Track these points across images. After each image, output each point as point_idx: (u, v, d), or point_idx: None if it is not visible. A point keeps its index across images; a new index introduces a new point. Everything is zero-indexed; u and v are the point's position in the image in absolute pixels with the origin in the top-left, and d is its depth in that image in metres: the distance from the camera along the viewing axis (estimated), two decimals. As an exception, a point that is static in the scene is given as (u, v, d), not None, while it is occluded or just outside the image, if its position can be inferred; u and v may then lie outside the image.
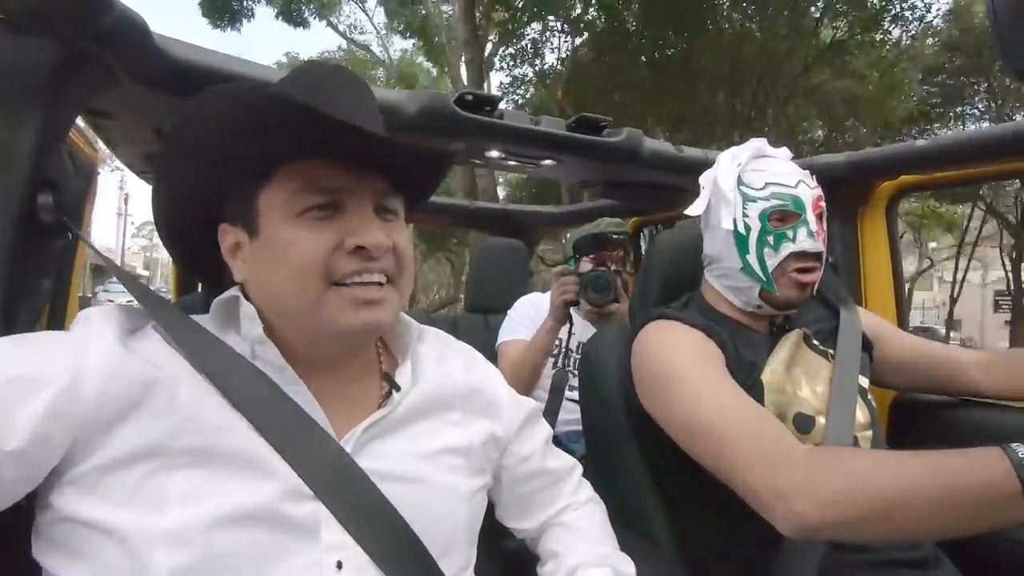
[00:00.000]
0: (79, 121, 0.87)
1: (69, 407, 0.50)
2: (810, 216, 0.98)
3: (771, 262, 0.98)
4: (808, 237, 0.97)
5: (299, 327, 0.61)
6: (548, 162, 1.40)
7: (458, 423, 0.70)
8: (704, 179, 1.06)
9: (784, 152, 1.05)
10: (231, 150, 0.58)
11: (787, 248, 0.97)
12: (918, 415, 1.36)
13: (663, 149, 1.39)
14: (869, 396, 1.02)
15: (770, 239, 0.98)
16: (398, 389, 0.65)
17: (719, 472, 0.82)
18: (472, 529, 0.68)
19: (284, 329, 0.61)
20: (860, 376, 1.01)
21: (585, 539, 0.76)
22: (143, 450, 0.52)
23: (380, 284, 0.60)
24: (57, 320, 0.88)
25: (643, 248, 2.30)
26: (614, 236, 1.74)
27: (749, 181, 1.00)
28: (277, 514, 0.54)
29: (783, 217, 0.98)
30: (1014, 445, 0.63)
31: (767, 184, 0.99)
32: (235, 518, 0.52)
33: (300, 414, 0.58)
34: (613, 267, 1.72)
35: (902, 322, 1.47)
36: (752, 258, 0.99)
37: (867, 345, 1.08)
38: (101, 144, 1.16)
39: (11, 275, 0.66)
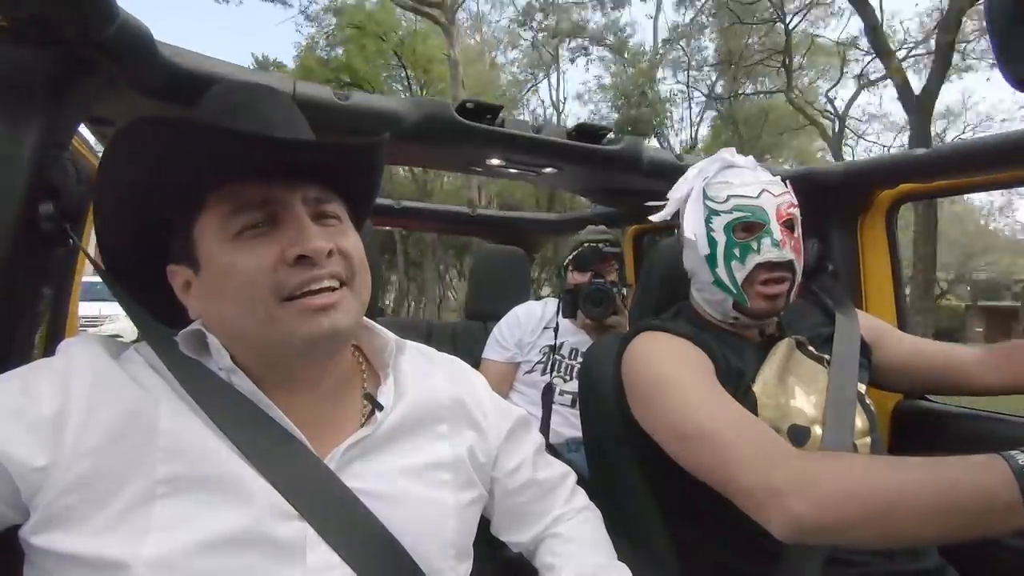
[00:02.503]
0: (81, 128, 0.87)
1: (53, 437, 0.50)
2: (774, 225, 0.97)
3: (739, 275, 0.98)
4: (773, 247, 0.96)
5: (258, 349, 0.59)
6: (549, 170, 1.40)
7: (444, 436, 0.69)
8: (672, 193, 1.07)
9: (749, 160, 1.05)
10: (155, 184, 0.57)
11: (753, 259, 0.97)
12: (920, 422, 1.35)
13: (663, 157, 1.39)
14: (868, 402, 1.01)
15: (736, 251, 0.98)
16: (380, 408, 0.64)
17: (712, 477, 0.80)
18: (463, 543, 0.67)
19: (247, 355, 0.60)
20: (859, 383, 1.00)
21: (581, 550, 0.75)
22: (126, 480, 0.51)
23: (332, 289, 0.58)
24: (57, 327, 0.88)
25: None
26: (609, 248, 1.75)
27: (713, 195, 1.00)
28: (262, 536, 0.53)
29: (747, 228, 0.98)
30: (1014, 452, 0.63)
31: (729, 197, 0.99)
32: (220, 542, 0.52)
33: (283, 436, 0.58)
34: (611, 279, 1.73)
35: (902, 329, 1.46)
36: (722, 271, 0.99)
37: (865, 350, 1.07)
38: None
39: (12, 282, 0.66)
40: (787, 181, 1.05)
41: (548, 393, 1.70)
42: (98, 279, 0.68)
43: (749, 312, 1.00)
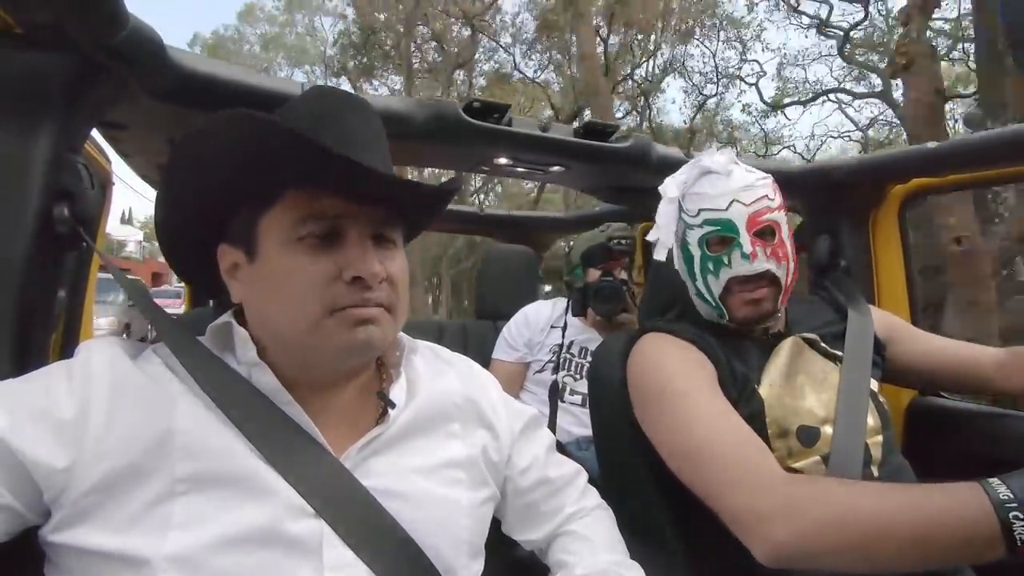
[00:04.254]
0: (93, 133, 0.88)
1: (75, 438, 0.51)
2: (744, 238, 0.94)
3: (715, 288, 0.98)
4: (743, 260, 0.95)
5: (293, 350, 0.61)
6: (556, 168, 1.40)
7: (457, 435, 0.70)
8: (660, 207, 1.05)
9: (725, 163, 0.99)
10: (236, 174, 0.59)
11: (726, 273, 0.96)
12: (934, 420, 1.34)
13: (672, 154, 1.39)
14: (881, 400, 1.00)
15: (710, 265, 0.97)
16: (393, 406, 0.65)
17: (703, 496, 0.82)
18: (476, 542, 0.68)
19: (278, 352, 0.61)
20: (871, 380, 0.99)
21: (593, 547, 0.75)
22: (146, 478, 0.52)
23: (376, 307, 0.60)
24: (72, 329, 0.89)
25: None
26: (620, 244, 1.74)
27: (687, 208, 0.99)
28: (279, 534, 0.54)
29: (720, 241, 0.97)
30: (994, 482, 0.63)
31: (700, 211, 0.98)
32: (238, 540, 0.53)
33: (299, 433, 0.59)
34: (621, 276, 1.72)
35: (915, 325, 1.45)
36: (700, 284, 1.00)
37: (879, 347, 1.06)
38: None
39: (27, 285, 0.67)
40: (775, 181, 1.01)
41: (555, 391, 1.70)
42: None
43: (736, 321, 0.99)
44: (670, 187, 1.03)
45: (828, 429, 0.91)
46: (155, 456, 0.53)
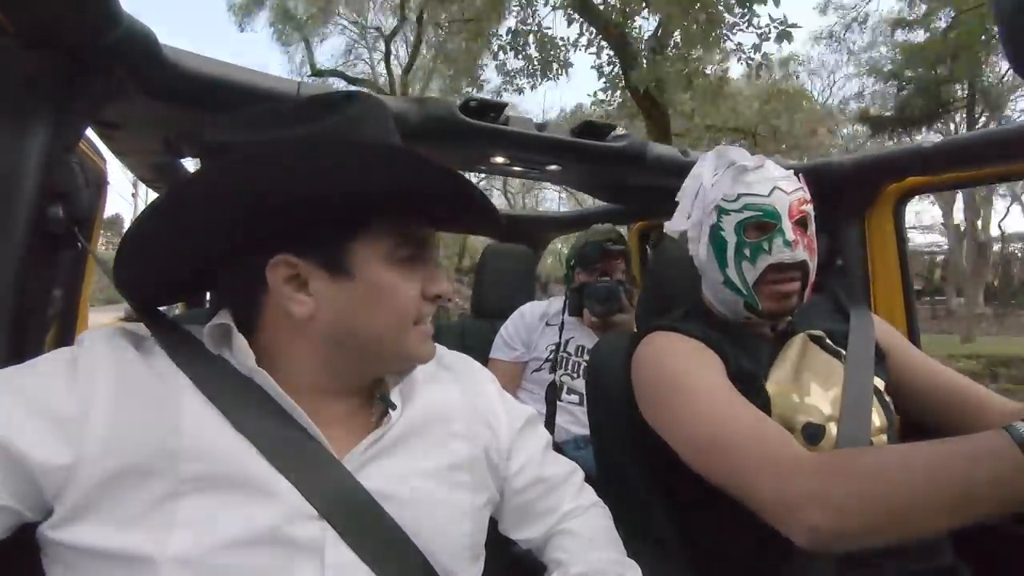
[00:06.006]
0: (88, 132, 0.88)
1: (77, 434, 0.51)
2: (786, 224, 0.94)
3: (750, 276, 0.96)
4: (785, 247, 0.94)
5: (369, 357, 0.64)
6: (552, 167, 1.41)
7: (460, 435, 0.70)
8: (682, 193, 1.05)
9: (758, 158, 1.02)
10: (333, 195, 0.57)
11: (764, 260, 0.94)
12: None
13: (668, 153, 1.39)
14: (887, 398, 0.99)
15: (747, 251, 0.95)
16: (394, 408, 0.65)
17: (727, 486, 0.81)
18: (477, 545, 0.68)
19: (336, 356, 0.62)
20: (876, 378, 0.98)
21: (590, 545, 0.75)
22: (150, 476, 0.52)
23: None
24: (66, 330, 0.89)
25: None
26: (615, 246, 1.75)
27: (724, 193, 0.98)
28: (282, 536, 0.54)
29: (759, 227, 0.95)
30: (1020, 425, 0.62)
31: (740, 195, 0.96)
32: (241, 541, 0.53)
33: (304, 436, 0.59)
34: (617, 277, 1.72)
35: (912, 323, 1.46)
36: (732, 272, 0.97)
37: (880, 353, 1.05)
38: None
39: (21, 285, 0.67)
40: (799, 175, 1.02)
41: (552, 390, 1.70)
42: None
43: (761, 313, 0.98)
44: (706, 171, 1.02)
45: (833, 428, 0.91)
46: (160, 455, 0.53)
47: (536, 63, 7.94)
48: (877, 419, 0.94)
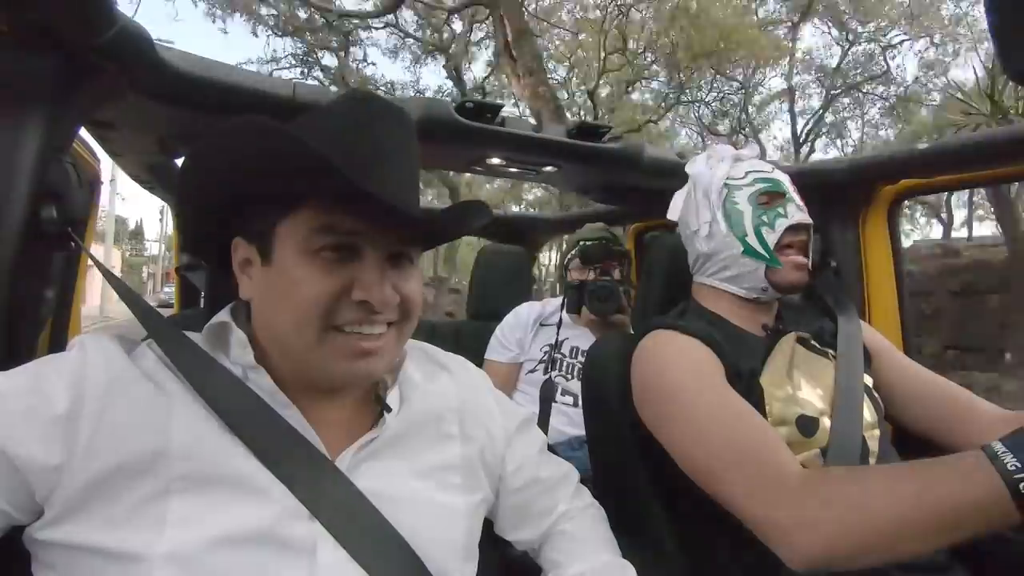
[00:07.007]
0: (82, 132, 0.87)
1: (67, 435, 0.51)
2: (793, 193, 1.04)
3: (771, 239, 1.01)
4: (799, 210, 1.03)
5: (292, 360, 0.60)
6: (549, 169, 1.41)
7: (453, 438, 0.70)
8: (680, 193, 1.13)
9: (750, 149, 1.14)
10: (255, 183, 0.58)
11: (782, 223, 1.01)
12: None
13: (663, 155, 1.39)
14: (876, 395, 1.01)
15: (765, 218, 1.02)
16: (389, 410, 0.65)
17: (720, 502, 0.82)
18: (470, 545, 0.68)
19: (278, 355, 0.61)
20: (864, 375, 1.00)
21: (585, 547, 0.76)
22: (141, 476, 0.52)
23: (379, 334, 0.59)
24: (60, 330, 0.89)
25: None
26: (618, 247, 1.75)
27: (731, 174, 1.07)
28: (274, 535, 0.54)
29: (770, 198, 1.03)
30: (999, 449, 0.62)
31: (747, 172, 1.05)
32: (233, 540, 0.53)
33: (295, 436, 0.58)
34: (617, 276, 1.73)
35: (905, 326, 1.46)
36: (752, 239, 1.02)
37: (866, 355, 1.06)
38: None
39: (14, 285, 0.66)
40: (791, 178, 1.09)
41: (546, 390, 1.70)
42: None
43: (780, 282, 1.02)
44: (701, 165, 1.10)
45: (826, 421, 0.92)
46: (150, 455, 0.53)
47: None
48: (868, 415, 0.95)
